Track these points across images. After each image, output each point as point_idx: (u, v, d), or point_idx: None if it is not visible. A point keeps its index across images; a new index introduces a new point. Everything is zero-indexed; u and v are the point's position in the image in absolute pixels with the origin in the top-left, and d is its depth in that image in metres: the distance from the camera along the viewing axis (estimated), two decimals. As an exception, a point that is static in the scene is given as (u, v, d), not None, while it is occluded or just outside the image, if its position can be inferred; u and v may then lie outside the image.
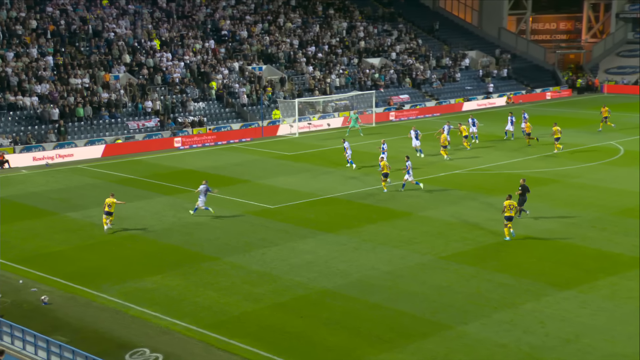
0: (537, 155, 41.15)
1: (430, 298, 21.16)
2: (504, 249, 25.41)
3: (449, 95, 63.55)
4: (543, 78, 72.66)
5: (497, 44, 76.30)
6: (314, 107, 55.20)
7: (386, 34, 69.64)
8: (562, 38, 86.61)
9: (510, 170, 37.26)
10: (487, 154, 41.35)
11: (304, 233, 27.39)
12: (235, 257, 24.80)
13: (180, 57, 54.67)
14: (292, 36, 63.00)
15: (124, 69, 51.17)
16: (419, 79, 63.81)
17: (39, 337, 17.76)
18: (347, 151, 38.62)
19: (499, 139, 46.27)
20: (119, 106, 48.02)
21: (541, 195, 32.41)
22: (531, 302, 20.74)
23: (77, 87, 47.67)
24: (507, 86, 68.70)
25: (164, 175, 37.72)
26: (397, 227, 27.92)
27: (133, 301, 21.10)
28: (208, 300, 21.15)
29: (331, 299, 21.22)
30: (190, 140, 46.50)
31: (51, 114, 44.81)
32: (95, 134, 45.41)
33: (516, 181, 34.13)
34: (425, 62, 66.60)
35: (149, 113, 48.56)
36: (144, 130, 47.03)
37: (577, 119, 54.61)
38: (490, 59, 71.92)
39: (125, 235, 27.52)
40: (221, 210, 30.59)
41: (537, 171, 37.19)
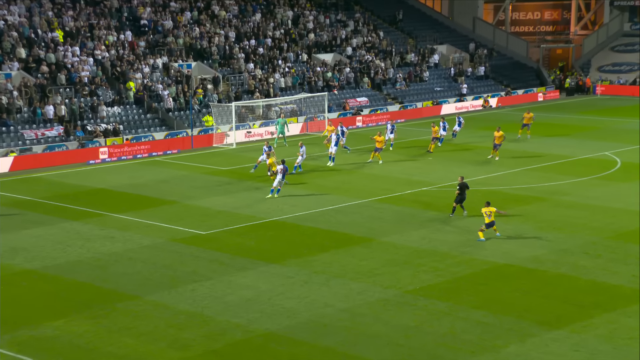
0: (520, 168, 41.94)
1: (395, 341, 21.23)
2: (481, 281, 25.72)
3: (415, 98, 64.48)
4: (526, 77, 74.37)
5: (471, 37, 77.89)
6: (254, 113, 55.25)
7: (340, 25, 70.37)
8: (547, 30, 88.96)
9: (486, 186, 37.86)
10: (461, 167, 41.93)
11: (242, 264, 27.24)
12: (159, 294, 24.48)
13: (89, 51, 54.12)
14: (228, 27, 63.08)
15: (17, 66, 50.34)
16: (380, 78, 64.56)
17: None
18: (301, 156, 40.27)
19: (472, 149, 47.01)
20: (12, 111, 47.15)
21: (525, 215, 32.97)
22: (515, 345, 20.98)
23: (-41, 87, 46.69)
24: (484, 87, 70.11)
25: (69, 196, 37.07)
26: (355, 256, 28.00)
27: (29, 353, 20.57)
28: (124, 349, 20.79)
29: (276, 343, 21.11)
30: (103, 152, 45.94)
31: None
32: (-17, 145, 44.47)
33: (492, 199, 34.73)
34: (387, 59, 67.49)
35: (51, 120, 47.81)
36: (44, 141, 46.24)
37: (566, 126, 55.99)
38: (463, 55, 73.32)
39: (18, 270, 26.87)
40: (142, 237, 30.20)
41: (519, 187, 37.85)
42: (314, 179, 40.01)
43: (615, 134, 51.99)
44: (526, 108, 56.66)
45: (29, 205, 35.51)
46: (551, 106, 67.03)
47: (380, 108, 61.16)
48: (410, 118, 60.65)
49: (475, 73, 71.54)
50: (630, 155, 45.23)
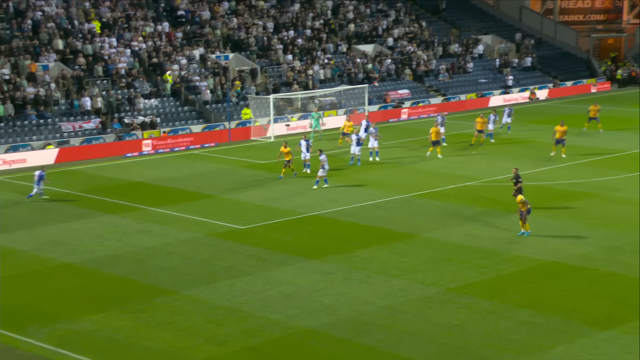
0: (568, 163, 41.56)
1: (438, 340, 21.25)
2: (527, 279, 25.61)
3: (458, 90, 64.14)
4: (575, 68, 73.47)
5: (517, 27, 77.15)
6: (292, 105, 55.44)
7: (381, 15, 70.22)
8: (598, 19, 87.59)
9: (534, 181, 37.58)
10: (507, 161, 41.69)
11: (281, 259, 27.44)
12: (197, 290, 24.77)
13: (126, 43, 54.73)
14: (266, 18, 63.33)
15: (54, 58, 51.12)
16: (422, 70, 64.33)
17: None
18: (305, 154, 39.87)
19: (522, 143, 46.68)
20: (49, 104, 47.93)
21: (574, 212, 32.72)
22: (563, 345, 20.87)
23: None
24: (531, 78, 69.47)
25: (107, 190, 37.61)
26: (396, 252, 28.04)
27: (68, 347, 20.98)
28: (162, 344, 21.11)
29: (315, 341, 21.26)
30: (147, 144, 46.53)
31: (-36, 113, 44.68)
32: (20, 137, 45.30)
33: (541, 195, 34.55)
34: (429, 50, 67.19)
35: (88, 112, 48.50)
36: (82, 134, 46.94)
37: (617, 119, 55.22)
38: (509, 46, 72.71)
39: (58, 264, 27.39)
40: (180, 232, 30.59)
41: (567, 182, 37.53)
42: (354, 174, 40.07)
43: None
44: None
45: (68, 198, 36.12)
46: (602, 98, 65.98)
47: (422, 100, 60.95)
48: (454, 111, 60.29)
49: (521, 64, 70.90)
50: (684, 149, 44.52)
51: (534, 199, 34.34)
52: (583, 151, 44.14)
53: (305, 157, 39.70)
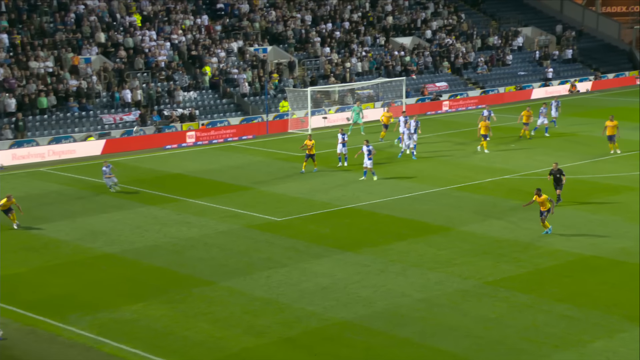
0: (609, 156, 41.03)
1: (474, 333, 21.15)
2: (566, 273, 25.36)
3: (497, 83, 63.62)
4: (617, 61, 72.41)
5: (558, 19, 76.23)
6: (330, 98, 55.43)
7: (420, 7, 69.84)
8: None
9: (573, 174, 37.16)
10: (546, 155, 41.27)
11: (317, 252, 27.50)
12: (235, 281, 24.94)
13: (166, 36, 55.14)
14: (304, 11, 63.36)
15: (96, 51, 51.69)
16: (460, 62, 63.88)
17: (-8, 379, 17.97)
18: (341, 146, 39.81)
19: (563, 136, 46.18)
20: (91, 96, 48.49)
21: (614, 206, 32.29)
22: (602, 340, 20.66)
23: (38, 72, 48.22)
24: (571, 71, 68.65)
25: (147, 181, 37.98)
26: (432, 245, 27.95)
27: (108, 335, 21.26)
28: (200, 334, 21.29)
29: (351, 333, 21.29)
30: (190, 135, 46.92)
31: (7, 104, 45.35)
32: (62, 129, 45.91)
33: (579, 189, 34.17)
34: (468, 42, 66.70)
35: (128, 104, 48.98)
36: (122, 126, 47.44)
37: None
38: (549, 38, 71.88)
39: (99, 254, 27.74)
40: (218, 223, 30.80)
41: (608, 176, 37.05)
42: (391, 167, 39.99)
43: None
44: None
45: (107, 189, 36.49)
46: None
47: (460, 93, 60.56)
48: (492, 103, 59.76)
49: (562, 56, 70.08)
50: None
51: (573, 192, 34.05)
52: (624, 145, 43.51)
53: (341, 150, 39.60)
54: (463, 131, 48.51)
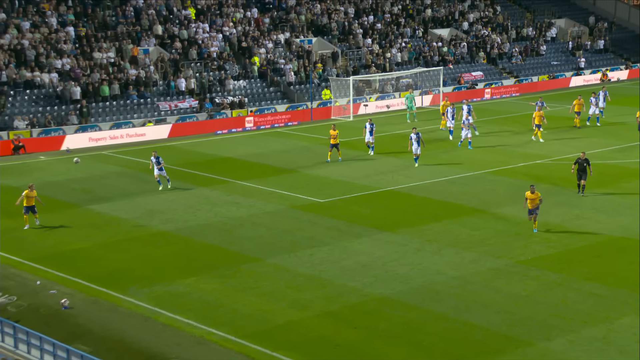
0: (637, 142, 40.21)
1: (506, 309, 20.98)
2: (595, 253, 25.00)
3: (530, 72, 62.68)
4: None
5: (591, 11, 74.74)
6: (370, 86, 55.18)
7: (457, 0, 68.99)
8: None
9: (603, 160, 36.55)
10: (575, 141, 40.61)
11: (358, 231, 27.48)
12: (280, 258, 25.05)
13: (218, 28, 55.33)
14: (347, 4, 63.02)
15: (154, 42, 52.07)
16: (495, 53, 63.04)
17: (58, 346, 18.29)
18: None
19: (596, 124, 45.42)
20: (149, 85, 48.92)
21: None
22: (629, 317, 20.36)
23: (101, 62, 48.77)
24: (603, 60, 67.35)
25: (199, 164, 38.28)
26: (467, 226, 27.74)
27: (164, 307, 21.53)
28: (248, 307, 21.44)
29: (389, 307, 21.26)
30: (249, 121, 47.17)
31: (72, 92, 45.96)
32: (122, 115, 46.41)
33: (609, 173, 33.60)
34: (503, 33, 65.76)
35: (183, 92, 49.33)
36: (177, 112, 47.81)
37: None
38: (582, 29, 70.53)
39: (155, 232, 28.06)
40: (265, 204, 30.93)
41: (637, 161, 36.34)
42: (427, 151, 39.67)
43: None
44: None
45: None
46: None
47: (495, 82, 59.81)
48: (525, 92, 59.06)
49: (593, 47, 68.75)
50: None
51: (603, 177, 33.49)
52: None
53: (368, 139, 38.99)
54: (497, 118, 47.90)
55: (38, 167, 38.57)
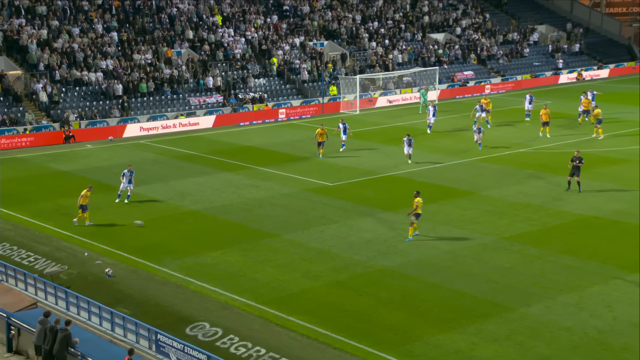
0: (608, 133, 39.87)
1: (492, 279, 20.92)
2: (570, 230, 24.86)
3: (515, 72, 62.12)
4: (617, 53, 70.10)
5: (568, 18, 73.91)
6: (375, 84, 54.89)
7: (452, 8, 68.38)
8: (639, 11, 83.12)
9: (580, 149, 36.20)
10: (553, 132, 40.27)
11: (363, 211, 27.41)
12: (294, 234, 25.03)
13: (241, 32, 55.08)
14: (355, 11, 62.58)
15: (186, 45, 51.93)
16: (485, 54, 62.50)
17: (103, 309, 18.42)
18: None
19: (567, 117, 45.01)
20: (181, 82, 48.83)
21: (612, 174, 31.48)
22: (599, 285, 20.27)
23: (140, 63, 48.69)
24: (578, 62, 66.63)
25: (224, 152, 38.23)
26: (459, 207, 27.63)
27: (193, 276, 21.59)
28: (267, 277, 21.46)
29: (390, 278, 21.23)
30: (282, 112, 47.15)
31: (115, 89, 45.96)
32: (158, 109, 46.37)
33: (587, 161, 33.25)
34: (491, 38, 65.18)
35: (210, 89, 49.22)
36: (205, 107, 47.73)
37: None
38: (561, 34, 69.80)
39: (185, 210, 28.10)
40: (281, 187, 30.89)
41: (607, 150, 36.06)
42: (424, 141, 39.52)
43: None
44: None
45: (194, 158, 36.90)
46: None
47: (484, 80, 59.34)
48: (510, 89, 58.63)
49: (571, 49, 68.03)
50: None
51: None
52: (623, 125, 42.32)
53: (342, 137, 36.98)
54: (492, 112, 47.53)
55: (85, 154, 38.67)
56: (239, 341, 17.73)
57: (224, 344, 17.66)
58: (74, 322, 17.96)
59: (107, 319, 18.27)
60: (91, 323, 18.56)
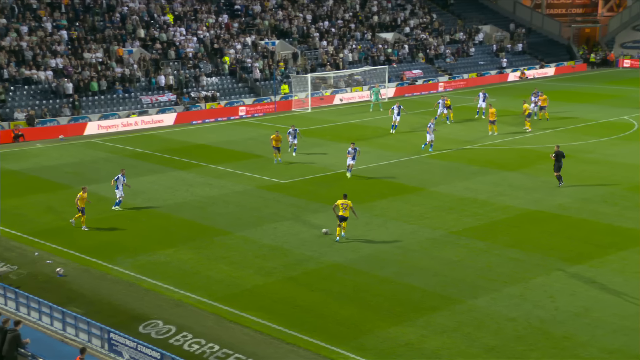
0: (550, 130, 40.79)
1: (441, 273, 21.16)
2: (515, 224, 25.32)
3: (461, 70, 63.02)
4: (558, 53, 71.83)
5: (512, 19, 75.35)
6: (326, 82, 54.96)
7: (400, 8, 68.95)
8: (577, 12, 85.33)
9: (522, 145, 36.99)
10: (500, 129, 40.97)
11: (315, 208, 27.41)
12: (248, 231, 24.88)
13: (193, 31, 54.46)
14: (306, 11, 62.53)
15: (137, 44, 51.08)
16: (432, 54, 63.22)
17: (54, 309, 17.98)
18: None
19: (513, 114, 45.88)
20: (133, 81, 48.03)
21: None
22: (541, 277, 20.69)
23: (91, 61, 47.70)
24: (521, 61, 67.99)
25: (177, 150, 37.77)
26: (408, 202, 27.86)
27: (146, 274, 21.26)
28: (220, 274, 21.27)
29: (342, 273, 21.28)
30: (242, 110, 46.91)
31: (66, 88, 44.91)
32: (109, 108, 45.52)
33: (527, 156, 34.02)
34: (438, 37, 65.96)
35: (162, 88, 48.53)
36: (157, 105, 47.05)
37: (590, 94, 54.02)
38: (504, 34, 71.09)
39: (139, 209, 27.64)
40: (234, 184, 30.67)
41: (549, 146, 36.88)
42: (376, 139, 39.76)
43: (634, 101, 49.96)
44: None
45: (146, 157, 36.35)
46: (579, 77, 64.74)
47: (432, 79, 60.03)
48: (457, 87, 59.45)
49: (514, 49, 69.36)
50: (647, 119, 43.49)
51: (522, 159, 33.88)
52: (564, 122, 43.33)
53: (293, 142, 35.26)
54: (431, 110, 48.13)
55: (35, 153, 37.70)
56: (192, 338, 17.53)
57: (177, 341, 17.44)
58: (25, 323, 17.49)
59: (58, 319, 17.84)
60: (42, 323, 18.10)
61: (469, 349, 16.97)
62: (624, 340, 17.25)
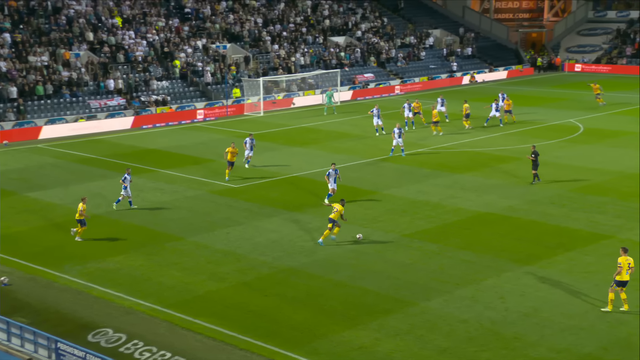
0: (500, 133, 41.57)
1: (394, 275, 21.30)
2: (466, 226, 25.68)
3: (413, 74, 63.75)
4: (506, 57, 73.32)
5: (461, 23, 76.61)
6: (278, 86, 54.90)
7: (351, 12, 69.37)
8: (524, 17, 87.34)
9: (473, 148, 37.59)
10: (451, 132, 41.57)
11: (268, 212, 27.31)
12: (200, 236, 24.64)
13: (143, 35, 53.74)
14: (257, 14, 62.36)
15: (85, 47, 50.13)
16: (384, 57, 63.80)
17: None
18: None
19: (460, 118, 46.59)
20: (80, 85, 47.10)
21: (503, 172, 32.79)
22: (492, 278, 21.02)
23: (36, 65, 46.57)
24: (471, 65, 69.15)
25: (126, 155, 37.18)
26: (361, 206, 27.99)
27: (96, 282, 20.85)
28: (172, 280, 20.99)
29: (295, 277, 21.24)
30: (200, 113, 46.00)
31: (9, 92, 43.75)
32: (56, 112, 44.53)
33: (478, 159, 34.56)
34: (390, 41, 66.59)
35: (112, 92, 47.73)
36: (106, 110, 46.25)
37: (537, 97, 55.28)
38: (454, 38, 72.22)
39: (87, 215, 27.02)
40: (186, 189, 30.34)
41: (499, 149, 37.57)
42: (329, 143, 39.86)
43: (579, 104, 51.35)
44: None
45: (94, 162, 35.68)
46: (526, 81, 66.19)
47: (384, 82, 60.56)
48: (409, 91, 60.10)
49: (463, 53, 70.51)
50: (591, 122, 44.70)
51: (473, 162, 34.41)
52: (513, 125, 44.15)
53: (249, 154, 33.91)
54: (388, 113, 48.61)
55: (-22, 159, 36.59)
56: (143, 346, 17.25)
57: (127, 350, 17.13)
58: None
59: (2, 330, 17.33)
60: (-14, 335, 17.54)
61: (421, 351, 17.13)
62: (571, 339, 17.66)
